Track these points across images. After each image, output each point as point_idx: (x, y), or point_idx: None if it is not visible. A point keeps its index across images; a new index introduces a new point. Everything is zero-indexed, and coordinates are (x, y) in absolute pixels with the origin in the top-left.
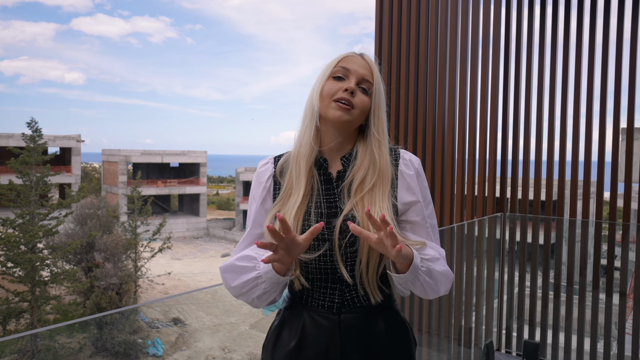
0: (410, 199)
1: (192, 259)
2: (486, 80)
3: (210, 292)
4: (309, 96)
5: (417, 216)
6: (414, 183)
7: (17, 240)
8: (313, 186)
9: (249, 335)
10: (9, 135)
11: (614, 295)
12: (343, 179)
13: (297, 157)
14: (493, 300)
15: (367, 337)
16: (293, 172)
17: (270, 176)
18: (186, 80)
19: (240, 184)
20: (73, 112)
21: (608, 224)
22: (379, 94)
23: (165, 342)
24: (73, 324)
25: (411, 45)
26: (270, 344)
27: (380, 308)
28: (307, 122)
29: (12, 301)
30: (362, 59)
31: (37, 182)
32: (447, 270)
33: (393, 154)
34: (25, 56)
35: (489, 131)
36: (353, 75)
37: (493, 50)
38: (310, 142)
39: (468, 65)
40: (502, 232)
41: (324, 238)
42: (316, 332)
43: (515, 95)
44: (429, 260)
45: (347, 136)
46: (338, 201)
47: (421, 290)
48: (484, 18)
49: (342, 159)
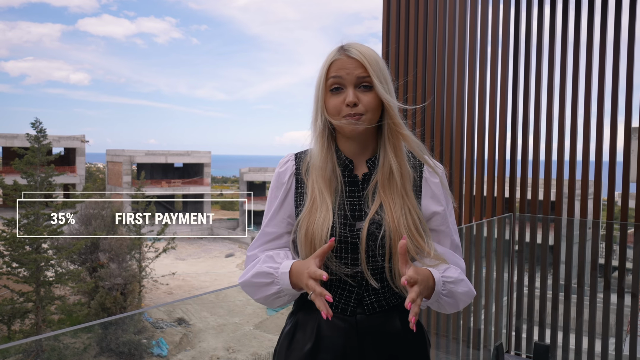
0: (435, 208)
1: (196, 259)
2: (495, 80)
3: (214, 292)
4: (314, 110)
5: (442, 224)
6: (439, 191)
7: (21, 240)
8: (339, 190)
9: (253, 336)
10: (14, 136)
11: (626, 296)
12: (369, 182)
13: (318, 170)
14: (502, 301)
15: (384, 338)
16: (316, 184)
17: (292, 175)
18: (191, 80)
19: (244, 184)
20: (78, 112)
21: (620, 224)
22: (381, 79)
23: (169, 342)
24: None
25: (419, 45)
26: (283, 348)
27: (396, 308)
28: (319, 137)
29: (17, 301)
30: (348, 58)
31: (41, 182)
32: (469, 291)
33: (418, 160)
34: (31, 57)
35: (499, 131)
36: (347, 81)
37: (502, 49)
38: (325, 155)
39: (477, 65)
40: (512, 233)
41: (347, 241)
42: (332, 334)
43: (524, 94)
44: (452, 282)
45: (368, 137)
46: (363, 204)
47: (440, 308)
48: (494, 17)
49: (367, 162)
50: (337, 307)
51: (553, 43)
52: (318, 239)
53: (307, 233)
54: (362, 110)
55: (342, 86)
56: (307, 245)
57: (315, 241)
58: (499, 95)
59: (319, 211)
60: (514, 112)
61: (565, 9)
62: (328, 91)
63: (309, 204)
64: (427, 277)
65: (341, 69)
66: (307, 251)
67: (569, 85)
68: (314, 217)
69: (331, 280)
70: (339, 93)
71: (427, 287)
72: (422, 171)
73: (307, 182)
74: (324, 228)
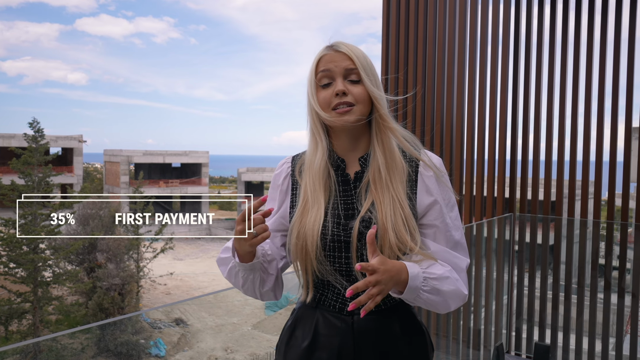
0: (429, 200)
1: (194, 259)
2: (495, 80)
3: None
4: (308, 108)
5: (436, 219)
6: (433, 184)
7: (19, 240)
8: (330, 187)
9: (252, 336)
10: (11, 136)
11: (626, 296)
12: (361, 180)
13: (310, 170)
14: (503, 302)
15: (381, 340)
16: (308, 184)
17: (287, 176)
18: (189, 80)
19: (242, 184)
20: (76, 112)
21: (620, 224)
22: (367, 72)
23: (167, 342)
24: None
25: (419, 45)
26: (283, 343)
27: (395, 310)
28: (314, 135)
29: (14, 302)
30: (336, 52)
31: (39, 182)
32: (456, 289)
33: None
34: (29, 56)
35: (499, 131)
36: (336, 74)
37: (502, 49)
38: (320, 153)
39: (477, 65)
40: (512, 233)
41: (340, 240)
42: (329, 333)
43: (525, 94)
44: (435, 279)
45: (360, 133)
46: (356, 202)
47: (428, 306)
48: (494, 17)
49: (360, 160)
50: (335, 307)
51: (553, 43)
52: (310, 239)
53: (298, 235)
54: (351, 100)
55: (331, 79)
56: (299, 247)
57: (307, 242)
58: (499, 95)
59: (310, 212)
60: (514, 112)
61: (565, 9)
62: (319, 87)
63: (301, 206)
64: (396, 269)
65: (329, 62)
66: (300, 255)
67: (569, 85)
68: (305, 219)
69: (327, 279)
70: (329, 87)
71: (391, 279)
72: (418, 165)
73: (301, 182)
74: (314, 228)
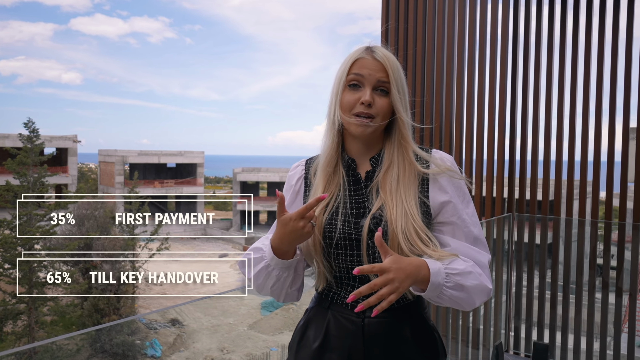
0: (442, 198)
1: (190, 259)
2: (495, 80)
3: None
4: (329, 104)
5: (452, 216)
6: (445, 182)
7: (14, 241)
8: (341, 187)
9: (248, 336)
10: (6, 136)
11: (624, 295)
12: (372, 180)
13: (323, 164)
14: (502, 301)
15: (391, 344)
16: (319, 183)
17: (301, 178)
18: (184, 80)
19: (238, 184)
20: (70, 112)
21: (618, 224)
22: (399, 89)
23: (163, 343)
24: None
25: (418, 44)
26: (295, 342)
27: (407, 313)
28: (330, 131)
29: (9, 303)
30: (373, 60)
31: (34, 182)
32: (479, 284)
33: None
34: (23, 56)
35: (498, 132)
36: (367, 81)
37: (501, 50)
38: (333, 150)
39: (476, 65)
40: (511, 233)
41: (351, 238)
42: (339, 334)
43: (523, 94)
44: (458, 274)
45: (373, 137)
46: (366, 201)
47: (452, 304)
48: (492, 17)
49: (371, 160)
50: (348, 305)
51: (552, 43)
52: (318, 230)
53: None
54: (374, 113)
55: (360, 84)
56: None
57: (315, 233)
58: (498, 95)
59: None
60: (512, 112)
61: (564, 8)
62: (346, 86)
63: (311, 197)
64: (414, 266)
65: (364, 68)
66: (307, 251)
67: (568, 86)
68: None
69: (340, 278)
70: (356, 90)
71: (408, 277)
72: (429, 165)
73: (314, 182)
74: (322, 220)
